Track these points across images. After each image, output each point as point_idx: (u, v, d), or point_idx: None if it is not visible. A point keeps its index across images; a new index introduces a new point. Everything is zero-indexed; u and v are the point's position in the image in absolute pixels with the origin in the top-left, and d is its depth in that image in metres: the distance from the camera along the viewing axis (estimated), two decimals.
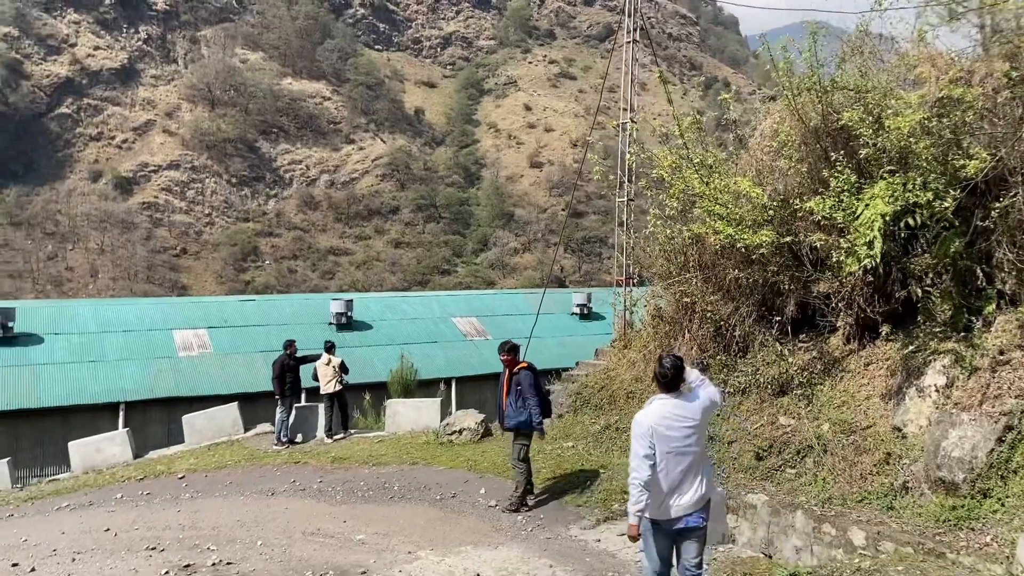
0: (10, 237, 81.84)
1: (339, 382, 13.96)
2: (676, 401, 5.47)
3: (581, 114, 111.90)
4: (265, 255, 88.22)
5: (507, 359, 9.70)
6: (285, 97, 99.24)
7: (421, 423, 13.94)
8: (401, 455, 12.49)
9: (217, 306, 29.76)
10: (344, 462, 12.44)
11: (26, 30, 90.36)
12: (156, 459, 13.70)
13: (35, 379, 23.53)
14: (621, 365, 12.36)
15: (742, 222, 9.79)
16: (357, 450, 13.02)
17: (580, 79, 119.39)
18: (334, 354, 14.08)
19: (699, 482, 5.47)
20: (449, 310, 32.59)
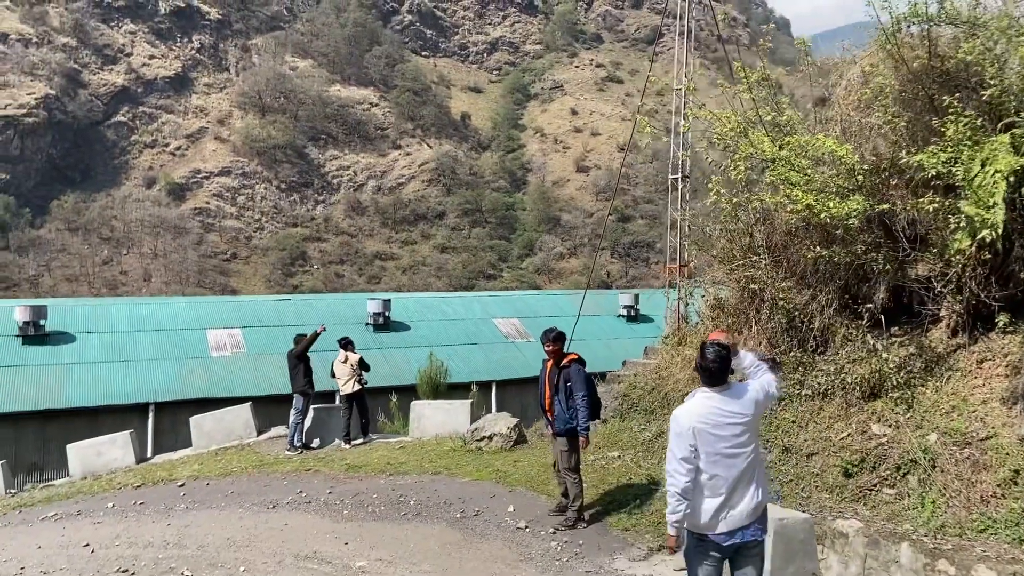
0: (68, 242, 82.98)
1: (358, 381, 12.45)
2: (723, 396, 4.59)
3: (628, 118, 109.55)
4: (313, 260, 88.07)
5: (553, 349, 8.10)
6: (333, 103, 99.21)
7: (449, 427, 12.36)
8: (423, 463, 10.92)
9: (252, 305, 28.67)
10: (359, 471, 10.91)
11: (84, 40, 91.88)
12: (159, 464, 12.38)
13: (65, 378, 22.63)
14: (675, 363, 10.60)
15: (824, 190, 8.02)
16: (375, 457, 11.49)
17: (627, 82, 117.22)
18: (351, 350, 12.58)
19: (754, 489, 4.61)
20: (490, 311, 31.08)
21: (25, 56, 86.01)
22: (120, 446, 12.46)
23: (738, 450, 4.56)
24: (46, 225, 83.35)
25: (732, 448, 4.53)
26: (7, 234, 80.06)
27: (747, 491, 4.57)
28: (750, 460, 4.61)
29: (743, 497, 4.56)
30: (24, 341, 23.20)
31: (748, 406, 4.63)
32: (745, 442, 4.60)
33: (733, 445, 4.54)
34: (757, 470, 4.67)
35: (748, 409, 4.62)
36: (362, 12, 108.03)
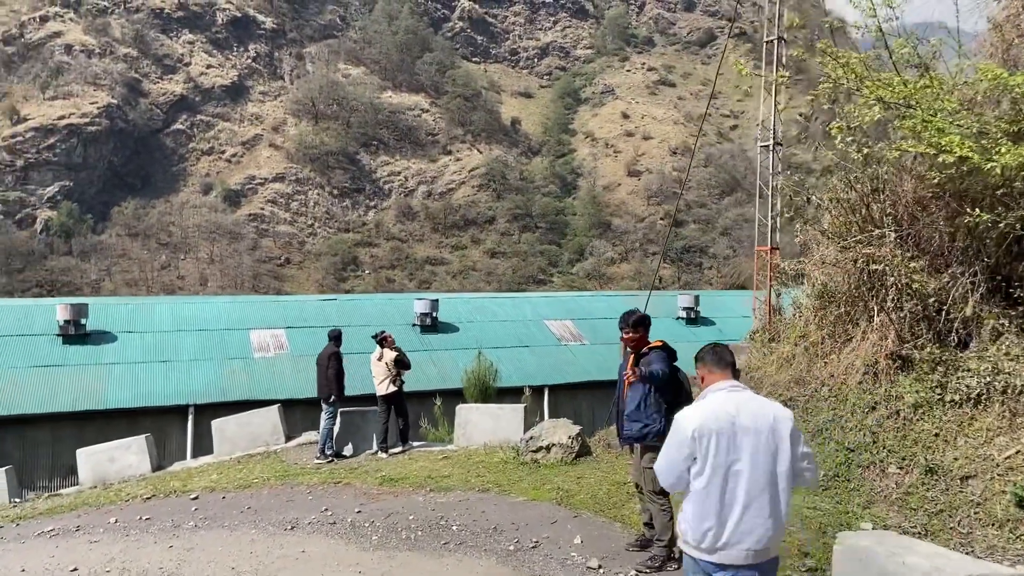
0: (128, 247, 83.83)
1: (395, 382, 10.83)
2: (746, 394, 3.77)
3: (681, 121, 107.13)
4: (364, 264, 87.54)
5: (633, 337, 6.35)
6: (385, 110, 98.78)
7: (499, 435, 10.65)
8: (469, 477, 9.23)
9: (297, 306, 27.42)
10: (395, 485, 9.27)
11: (144, 51, 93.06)
12: (175, 473, 10.93)
13: (105, 379, 21.58)
14: (768, 364, 8.72)
15: (986, 135, 6.12)
16: (414, 469, 9.84)
17: (680, 86, 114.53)
18: (387, 346, 10.96)
19: (769, 521, 3.57)
20: (542, 312, 29.40)
21: (88, 66, 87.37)
22: (135, 452, 11.05)
23: (755, 465, 3.63)
24: (108, 231, 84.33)
25: (748, 462, 3.61)
26: (71, 240, 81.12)
27: (757, 521, 3.59)
28: (771, 480, 3.64)
29: (751, 530, 3.59)
30: (64, 340, 22.29)
31: (780, 410, 3.75)
32: (771, 459, 3.65)
33: (751, 459, 3.62)
34: (781, 496, 3.65)
35: (781, 414, 3.73)
36: (413, 19, 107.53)
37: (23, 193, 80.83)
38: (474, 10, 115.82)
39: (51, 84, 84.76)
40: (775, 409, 3.71)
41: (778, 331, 9.31)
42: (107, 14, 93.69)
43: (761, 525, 3.54)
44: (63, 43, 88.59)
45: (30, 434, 20.11)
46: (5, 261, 75.96)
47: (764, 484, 3.58)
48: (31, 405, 20.08)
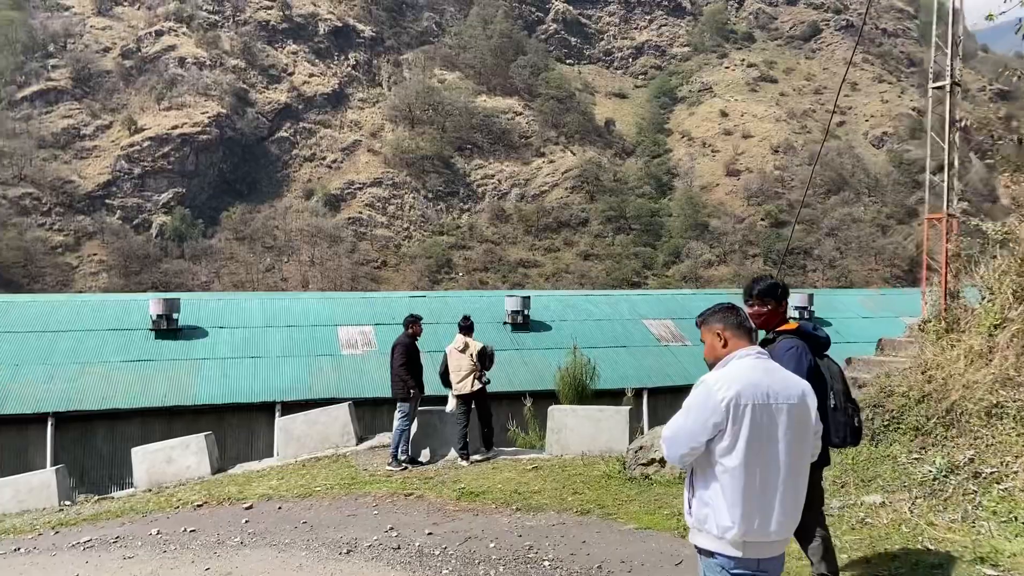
0: (235, 250, 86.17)
1: (478, 378, 9.20)
2: (772, 363, 3.32)
3: (783, 118, 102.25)
4: (458, 267, 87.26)
5: (760, 312, 4.50)
6: (479, 114, 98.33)
7: (599, 443, 8.87)
8: (564, 495, 7.49)
9: (385, 302, 26.33)
10: (475, 500, 7.63)
11: (252, 61, 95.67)
12: (234, 477, 9.64)
13: (194, 375, 20.98)
14: (953, 359, 6.60)
15: None
16: (499, 481, 8.18)
17: (782, 82, 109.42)
18: (472, 336, 9.35)
19: (798, 505, 3.21)
20: (640, 311, 27.39)
21: (200, 78, 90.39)
22: (194, 452, 9.84)
23: (794, 443, 3.17)
24: (217, 235, 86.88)
25: (788, 440, 3.15)
26: (183, 243, 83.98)
27: (789, 504, 3.14)
28: (803, 460, 3.25)
29: (787, 514, 3.15)
30: (157, 335, 21.84)
31: None
32: (805, 432, 3.23)
33: (791, 436, 3.16)
34: (802, 476, 3.23)
35: None
36: (507, 23, 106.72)
37: (140, 199, 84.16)
38: (568, 12, 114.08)
39: (166, 95, 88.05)
40: (799, 381, 3.35)
41: (957, 319, 7.18)
42: (217, 27, 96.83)
43: (793, 510, 3.18)
44: (176, 56, 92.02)
45: (120, 428, 19.63)
46: (123, 264, 79.15)
47: (796, 464, 3.20)
48: (123, 400, 19.60)
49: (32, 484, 9.75)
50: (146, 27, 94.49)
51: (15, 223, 76.57)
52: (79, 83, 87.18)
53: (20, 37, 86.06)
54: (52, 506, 9.64)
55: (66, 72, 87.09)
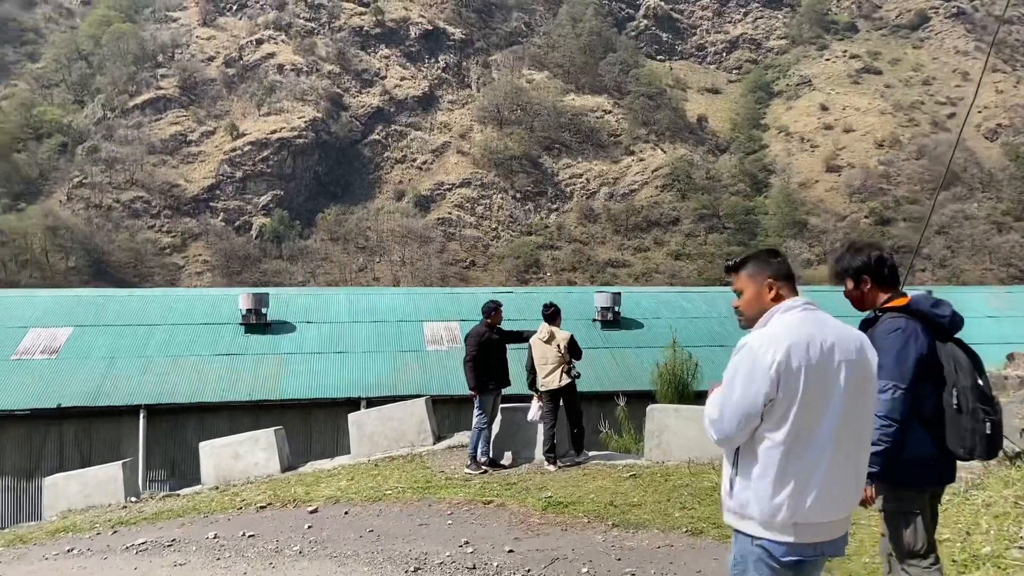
0: (330, 251, 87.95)
1: (567, 371, 8.12)
2: (823, 314, 2.84)
3: (888, 111, 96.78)
4: (546, 267, 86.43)
5: (852, 293, 3.64)
6: (567, 113, 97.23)
7: (707, 449, 7.64)
8: (669, 509, 6.33)
9: (471, 298, 25.51)
10: (563, 511, 6.56)
11: (346, 67, 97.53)
12: (303, 476, 8.88)
13: (282, 369, 20.74)
14: None
15: None
16: (591, 490, 7.08)
17: (887, 73, 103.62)
18: (558, 324, 8.28)
19: (859, 479, 2.79)
20: None
21: (297, 84, 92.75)
22: (263, 448, 9.15)
23: (855, 414, 2.73)
24: (313, 236, 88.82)
25: (851, 412, 2.70)
26: (281, 244, 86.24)
27: (849, 481, 2.73)
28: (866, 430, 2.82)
29: (846, 493, 2.73)
30: (247, 330, 21.73)
31: None
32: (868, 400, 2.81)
33: (852, 405, 2.72)
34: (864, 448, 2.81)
35: None
36: (597, 21, 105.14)
37: (241, 202, 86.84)
38: (660, 7, 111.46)
39: (265, 101, 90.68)
40: (857, 333, 2.85)
41: None
42: (314, 34, 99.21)
43: (854, 484, 2.72)
44: (275, 63, 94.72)
45: (209, 422, 19.49)
46: (225, 264, 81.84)
47: (857, 431, 2.72)
48: (212, 394, 19.49)
49: (99, 478, 9.29)
50: (247, 36, 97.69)
51: (127, 225, 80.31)
52: (186, 91, 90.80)
53: (132, 49, 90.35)
54: (118, 502, 9.14)
55: (174, 81, 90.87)
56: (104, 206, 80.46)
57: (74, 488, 9.28)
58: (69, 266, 74.79)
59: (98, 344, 20.57)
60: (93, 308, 22.29)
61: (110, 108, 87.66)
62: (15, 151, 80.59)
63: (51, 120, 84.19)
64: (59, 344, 20.40)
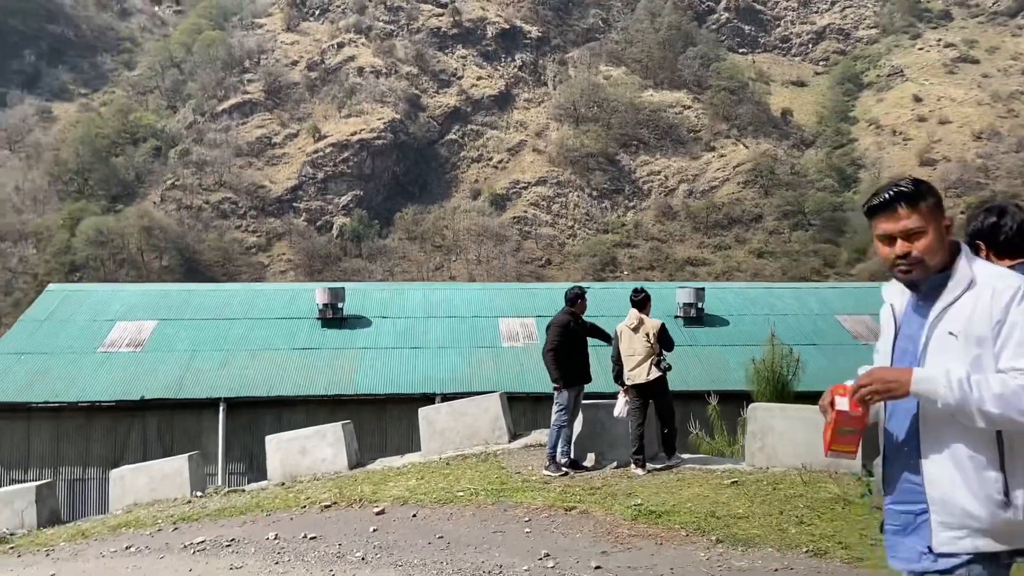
0: (407, 250, 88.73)
1: (657, 364, 7.26)
2: None
3: (986, 102, 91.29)
4: (623, 266, 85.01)
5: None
6: (645, 109, 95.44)
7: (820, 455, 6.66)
8: (783, 524, 5.43)
9: (547, 294, 24.77)
10: (657, 522, 5.74)
11: (424, 68, 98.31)
12: (371, 474, 8.30)
13: (357, 364, 20.50)
14: None
15: None
16: (687, 497, 6.23)
17: (984, 62, 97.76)
18: (648, 312, 7.44)
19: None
20: (832, 306, 24.21)
21: (376, 86, 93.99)
22: (330, 443, 8.63)
23: None
24: (391, 235, 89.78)
25: None
26: (361, 243, 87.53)
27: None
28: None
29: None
30: (323, 324, 21.62)
31: None
32: None
33: None
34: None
35: None
36: (676, 15, 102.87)
37: (323, 202, 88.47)
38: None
39: (346, 104, 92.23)
40: None
41: None
42: (393, 36, 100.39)
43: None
44: (356, 66, 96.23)
45: (287, 416, 19.37)
46: (308, 262, 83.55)
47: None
48: (289, 388, 19.41)
49: (165, 471, 8.96)
50: (329, 40, 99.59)
51: (216, 225, 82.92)
52: (270, 95, 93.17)
53: (221, 55, 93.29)
54: (183, 496, 8.78)
55: (259, 85, 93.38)
56: (195, 207, 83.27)
57: (141, 481, 8.98)
58: (163, 265, 77.65)
59: (181, 337, 20.75)
60: (177, 302, 22.56)
61: (200, 113, 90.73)
62: (113, 155, 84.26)
63: (146, 125, 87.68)
64: (144, 337, 20.65)
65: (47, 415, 18.37)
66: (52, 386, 18.50)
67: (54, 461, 18.49)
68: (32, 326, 20.90)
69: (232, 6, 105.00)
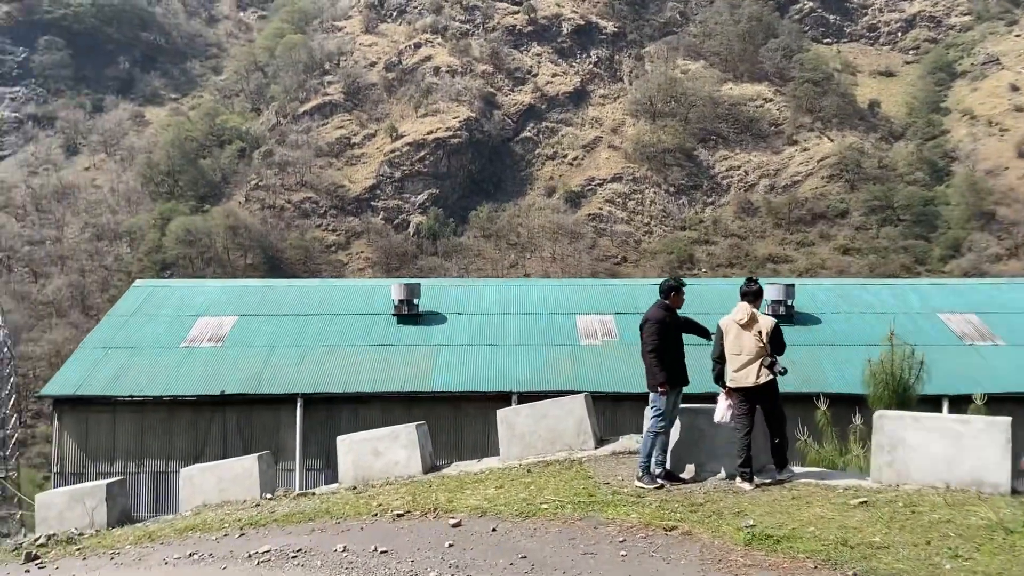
0: (482, 248, 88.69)
1: (769, 366, 6.38)
2: None
3: None
4: (701, 263, 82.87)
5: None
6: (724, 103, 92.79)
7: (962, 472, 5.68)
8: (935, 557, 4.52)
9: (626, 290, 23.93)
10: (774, 549, 4.91)
11: (499, 66, 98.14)
12: (447, 479, 7.68)
13: (433, 361, 20.17)
14: None
15: None
16: (807, 519, 5.36)
17: None
18: (758, 306, 6.56)
19: None
20: (933, 303, 22.61)
21: (452, 85, 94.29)
22: (403, 445, 8.07)
23: None
24: (466, 233, 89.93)
25: None
26: (437, 241, 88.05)
27: None
28: None
29: None
30: (399, 320, 21.37)
31: None
32: None
33: None
34: None
35: None
36: (757, 5, 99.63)
37: (400, 201, 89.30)
38: None
39: (422, 103, 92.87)
40: None
41: None
42: (468, 36, 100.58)
43: None
44: (432, 66, 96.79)
45: (363, 413, 19.18)
46: (385, 260, 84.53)
47: None
48: (365, 384, 19.21)
49: (235, 471, 8.58)
50: (406, 40, 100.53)
51: (298, 224, 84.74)
52: (349, 96, 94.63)
53: (302, 58, 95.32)
54: (253, 497, 8.35)
55: (339, 87, 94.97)
56: (277, 206, 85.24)
57: (210, 481, 8.62)
58: (247, 263, 79.77)
59: (260, 332, 20.77)
60: (256, 297, 22.65)
61: (282, 115, 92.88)
62: (201, 157, 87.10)
63: (232, 127, 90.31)
64: (225, 332, 20.74)
65: (132, 409, 18.58)
66: (136, 380, 18.72)
67: (138, 454, 18.71)
68: (118, 321, 21.27)
69: (313, 10, 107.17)
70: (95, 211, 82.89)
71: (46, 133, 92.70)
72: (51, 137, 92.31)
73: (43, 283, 74.58)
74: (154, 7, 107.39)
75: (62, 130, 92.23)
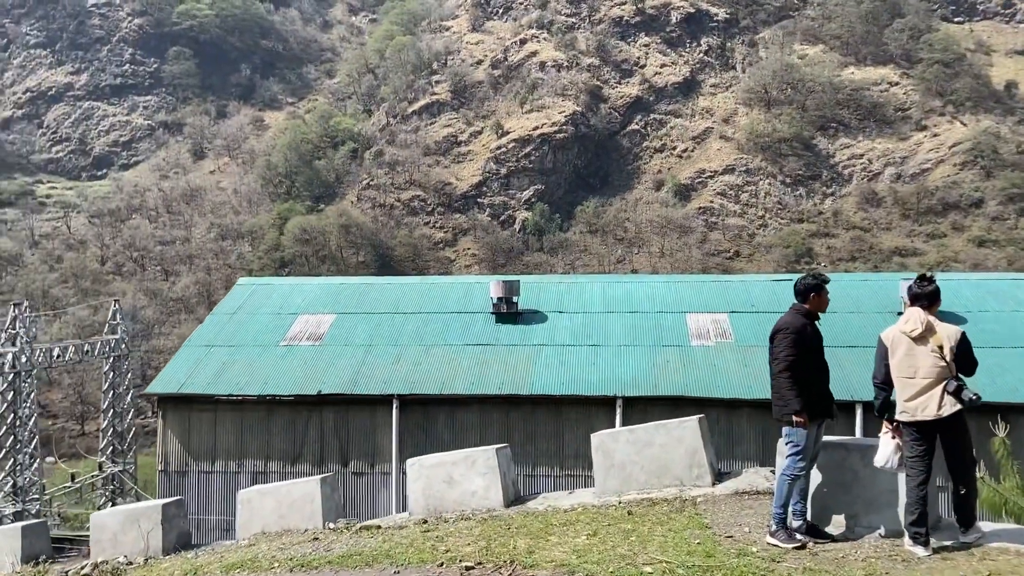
0: (589, 243, 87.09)
1: (955, 392, 4.71)
2: None
3: None
4: (819, 257, 78.13)
5: None
6: (845, 88, 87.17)
7: None
8: None
9: (741, 287, 21.96)
10: None
11: (605, 58, 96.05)
12: (529, 517, 6.38)
13: (532, 362, 19.04)
14: None
15: None
16: None
17: None
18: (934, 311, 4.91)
19: None
20: None
21: (557, 80, 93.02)
22: (481, 472, 6.85)
23: None
24: (572, 228, 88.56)
25: None
26: (542, 237, 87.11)
27: None
28: None
29: None
30: (497, 319, 20.38)
31: None
32: None
33: None
34: None
35: None
36: None
37: (505, 197, 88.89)
38: None
39: (528, 99, 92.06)
40: None
41: None
42: (574, 29, 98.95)
43: None
44: (537, 61, 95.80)
45: (459, 415, 18.33)
46: (491, 257, 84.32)
47: None
48: (462, 385, 18.31)
49: (294, 496, 7.61)
50: (512, 37, 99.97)
51: (406, 222, 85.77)
52: (456, 95, 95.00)
53: (411, 59, 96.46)
54: (315, 527, 7.35)
55: (446, 86, 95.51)
56: (387, 205, 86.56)
57: (269, 506, 7.70)
58: (359, 260, 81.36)
59: (357, 331, 20.23)
60: (355, 296, 22.18)
61: (392, 115, 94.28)
62: (316, 158, 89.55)
63: (344, 129, 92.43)
64: (323, 331, 20.31)
65: (231, 407, 18.37)
66: (237, 379, 18.49)
67: (238, 454, 18.46)
68: (222, 320, 21.21)
69: (421, 11, 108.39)
70: (220, 212, 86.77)
71: (175, 139, 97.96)
72: (180, 142, 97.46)
73: (173, 281, 78.60)
74: (273, 15, 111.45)
75: (189, 135, 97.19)
